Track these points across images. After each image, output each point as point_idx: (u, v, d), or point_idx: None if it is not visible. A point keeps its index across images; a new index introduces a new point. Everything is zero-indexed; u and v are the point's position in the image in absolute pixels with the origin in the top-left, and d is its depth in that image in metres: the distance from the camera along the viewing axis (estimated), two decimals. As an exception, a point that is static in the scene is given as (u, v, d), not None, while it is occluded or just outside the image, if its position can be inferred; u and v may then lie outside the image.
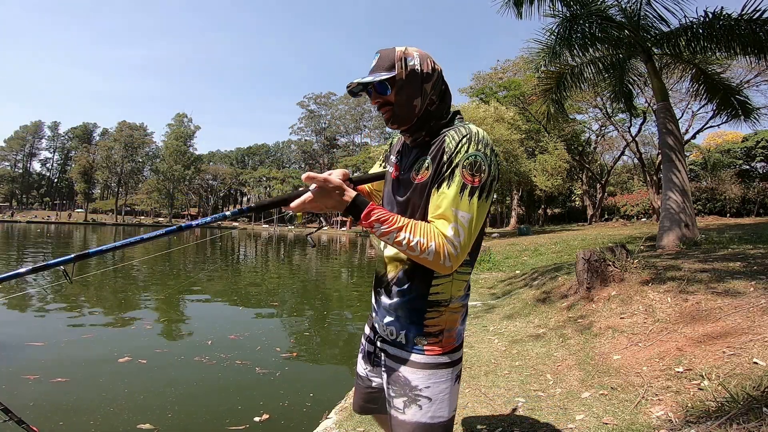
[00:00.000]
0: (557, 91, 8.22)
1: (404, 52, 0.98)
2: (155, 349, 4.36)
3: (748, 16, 6.06)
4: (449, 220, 0.89)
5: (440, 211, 0.91)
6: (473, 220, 0.90)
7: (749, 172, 24.49)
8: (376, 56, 1.00)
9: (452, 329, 1.04)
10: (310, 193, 0.93)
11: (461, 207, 0.89)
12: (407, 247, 0.89)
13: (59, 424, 2.68)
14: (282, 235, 43.94)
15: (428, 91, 1.00)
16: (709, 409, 1.82)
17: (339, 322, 6.31)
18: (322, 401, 3.11)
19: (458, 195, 0.90)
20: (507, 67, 30.81)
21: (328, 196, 0.93)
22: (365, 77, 0.99)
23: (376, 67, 0.99)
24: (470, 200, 0.90)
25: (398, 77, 0.97)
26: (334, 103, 74.72)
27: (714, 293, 3.11)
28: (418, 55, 0.99)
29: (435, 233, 0.89)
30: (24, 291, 6.93)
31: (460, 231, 0.89)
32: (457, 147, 0.92)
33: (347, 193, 0.93)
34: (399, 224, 0.90)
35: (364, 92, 1.05)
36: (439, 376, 1.02)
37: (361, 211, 0.92)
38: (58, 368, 3.63)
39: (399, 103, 0.99)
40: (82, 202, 74.84)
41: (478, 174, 0.91)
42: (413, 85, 0.98)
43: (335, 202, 0.93)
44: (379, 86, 0.99)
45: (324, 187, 0.93)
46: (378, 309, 1.13)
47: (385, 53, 0.99)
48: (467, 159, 0.91)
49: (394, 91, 0.98)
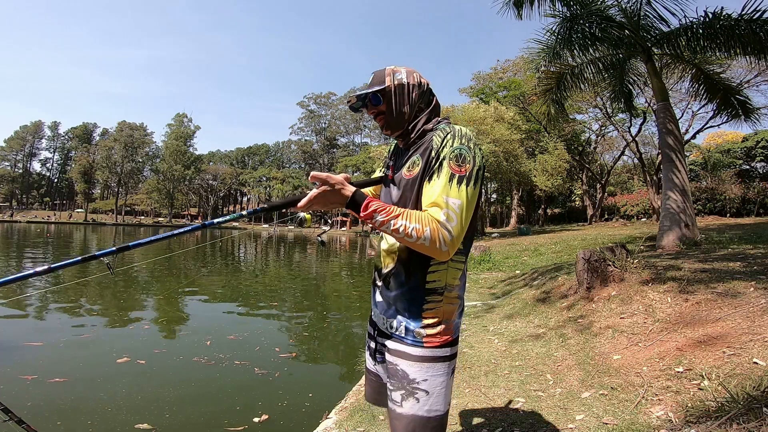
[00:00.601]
0: (557, 92, 8.22)
1: (393, 69, 1.15)
2: (154, 349, 4.35)
3: (748, 16, 6.06)
4: (441, 207, 0.97)
5: (432, 200, 0.99)
6: (463, 205, 0.98)
7: (749, 172, 24.49)
8: (371, 76, 1.17)
9: (450, 321, 1.10)
10: (316, 191, 1.00)
11: (451, 194, 0.98)
12: (404, 233, 0.96)
13: (57, 424, 2.67)
14: (282, 235, 43.94)
15: (415, 100, 1.14)
16: (709, 409, 1.82)
17: (339, 322, 6.31)
18: (322, 401, 3.11)
19: (447, 184, 0.99)
20: (507, 67, 30.86)
21: (331, 192, 1.01)
22: (362, 91, 1.14)
23: (371, 84, 1.15)
24: (459, 187, 0.98)
25: (388, 89, 1.12)
26: (334, 103, 74.74)
27: (714, 293, 3.10)
28: (405, 71, 1.15)
29: (429, 219, 0.96)
30: (44, 289, 6.94)
31: (453, 216, 0.97)
32: (443, 142, 1.03)
33: (348, 188, 1.02)
34: (395, 213, 0.98)
35: (363, 107, 1.20)
36: (436, 369, 1.07)
37: (360, 204, 1.00)
38: (56, 368, 3.62)
39: (390, 111, 1.13)
40: (82, 202, 74.85)
41: (463, 164, 1.01)
42: (402, 95, 1.12)
43: (338, 197, 1.01)
44: (373, 98, 1.14)
45: (327, 182, 1.01)
46: (377, 303, 1.20)
47: (378, 72, 1.16)
48: (453, 152, 1.01)
49: (386, 101, 1.13)
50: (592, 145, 31.79)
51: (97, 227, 47.52)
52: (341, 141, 76.15)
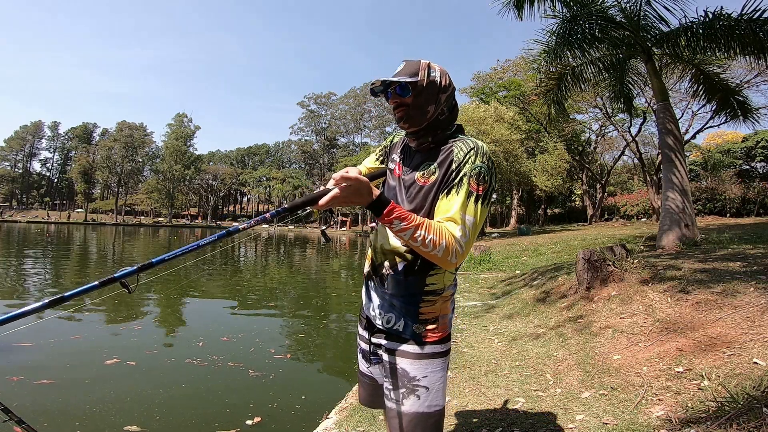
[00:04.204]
0: (558, 92, 8.22)
1: (428, 64, 1.11)
2: (145, 350, 4.29)
3: (748, 16, 6.06)
4: (458, 223, 1.00)
5: (450, 214, 1.01)
6: (476, 223, 1.02)
7: (749, 172, 24.47)
8: (402, 64, 1.12)
9: (446, 316, 1.14)
10: (338, 190, 0.99)
11: (468, 211, 1.01)
12: (421, 243, 0.97)
13: (44, 426, 2.63)
14: (282, 235, 43.93)
15: (442, 102, 1.11)
16: (709, 409, 1.82)
17: (336, 323, 6.30)
18: (315, 404, 3.08)
19: (466, 201, 1.01)
20: (507, 67, 30.81)
21: (358, 193, 0.99)
22: (390, 77, 1.09)
23: (400, 73, 1.10)
24: (475, 205, 1.02)
25: (420, 83, 1.08)
26: (334, 103, 74.76)
27: (714, 293, 3.10)
28: (439, 69, 1.12)
29: (446, 233, 0.98)
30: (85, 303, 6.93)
31: (467, 232, 1.00)
32: (465, 158, 1.04)
33: (374, 191, 1.01)
34: (416, 222, 0.98)
35: (383, 94, 1.14)
36: (435, 365, 1.10)
37: (383, 208, 0.99)
38: (44, 370, 3.57)
39: (415, 105, 1.09)
40: (82, 202, 74.80)
41: (482, 183, 1.03)
42: (431, 93, 1.09)
43: (362, 198, 0.99)
44: (399, 88, 1.09)
45: (355, 185, 0.99)
46: (373, 299, 1.20)
47: (411, 62, 1.11)
48: (474, 169, 1.03)
49: (413, 95, 1.09)
50: (592, 145, 31.78)
51: (97, 227, 47.48)
52: (341, 141, 76.13)
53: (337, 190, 0.99)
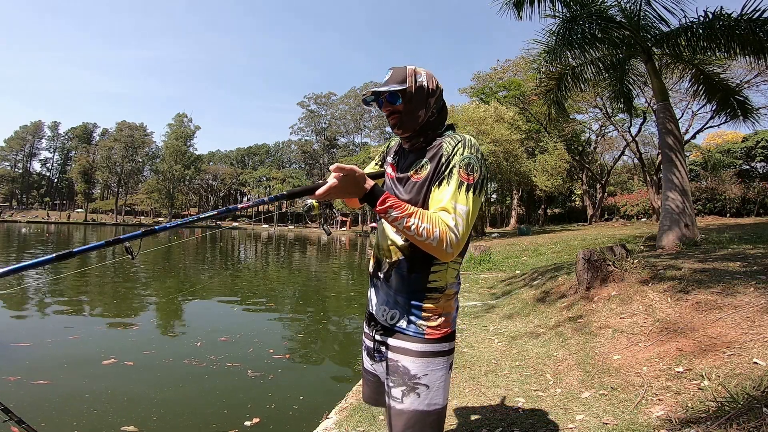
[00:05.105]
0: (558, 92, 8.22)
1: (414, 70, 1.14)
2: (143, 350, 4.27)
3: (748, 16, 6.06)
4: (450, 212, 1.01)
5: (442, 204, 1.03)
6: (470, 212, 1.03)
7: (749, 172, 24.46)
8: (389, 72, 1.16)
9: (449, 314, 1.16)
10: (335, 181, 1.01)
11: (459, 201, 1.02)
12: (415, 232, 0.99)
13: (41, 425, 2.62)
14: (282, 234, 43.93)
15: (431, 105, 1.15)
16: (709, 409, 1.81)
17: (336, 323, 6.29)
18: (314, 404, 3.07)
19: (457, 191, 1.03)
20: (507, 67, 30.79)
21: (353, 183, 1.01)
22: (379, 87, 1.14)
23: (389, 81, 1.14)
24: (467, 195, 1.03)
25: (408, 90, 1.12)
26: (334, 103, 74.75)
27: (714, 293, 3.10)
28: (425, 73, 1.15)
29: (439, 221, 1.00)
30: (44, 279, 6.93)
31: (460, 221, 1.01)
32: (454, 150, 1.07)
33: (368, 182, 1.04)
34: (409, 211, 1.00)
35: (375, 102, 1.18)
36: (436, 363, 1.11)
37: (377, 198, 1.02)
38: (41, 370, 3.56)
39: (407, 111, 1.13)
40: (82, 202, 74.78)
41: (472, 173, 1.05)
42: (420, 98, 1.13)
43: (358, 189, 1.02)
44: (390, 96, 1.13)
45: (351, 174, 1.01)
46: (377, 296, 1.22)
47: (398, 70, 1.15)
48: (463, 161, 1.06)
49: (404, 102, 1.13)
50: (592, 145, 31.78)
51: (97, 227, 47.48)
52: (341, 141, 76.12)
53: (334, 180, 1.01)
